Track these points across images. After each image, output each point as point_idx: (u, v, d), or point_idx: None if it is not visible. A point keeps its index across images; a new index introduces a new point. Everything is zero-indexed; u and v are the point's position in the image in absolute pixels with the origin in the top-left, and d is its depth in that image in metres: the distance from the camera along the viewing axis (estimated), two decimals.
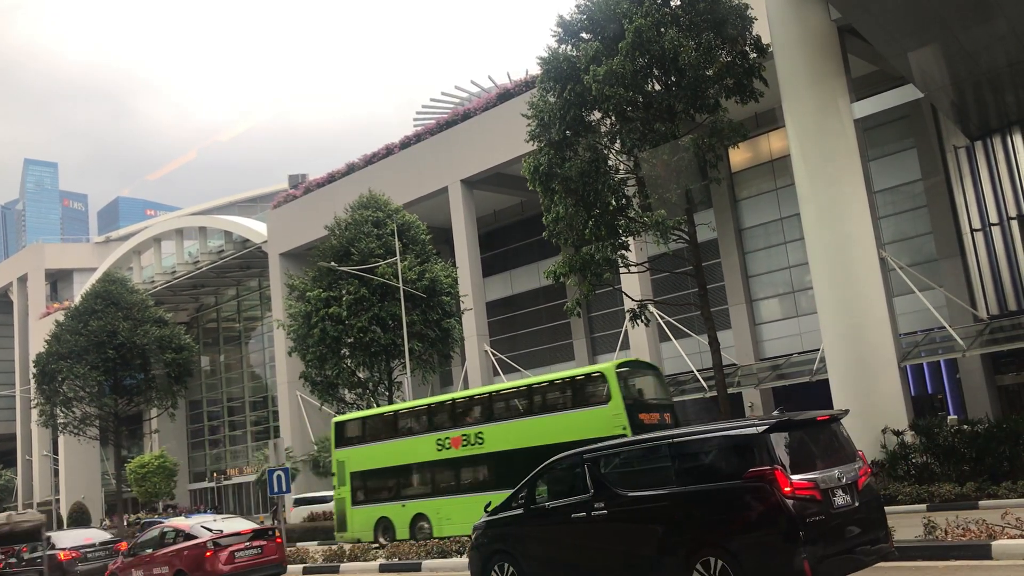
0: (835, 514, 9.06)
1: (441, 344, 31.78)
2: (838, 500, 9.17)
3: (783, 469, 8.92)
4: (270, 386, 59.31)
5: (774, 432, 9.23)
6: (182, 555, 17.26)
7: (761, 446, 9.11)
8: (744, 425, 9.61)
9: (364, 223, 31.15)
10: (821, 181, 23.41)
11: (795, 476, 8.93)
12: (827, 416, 10.03)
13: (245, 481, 60.79)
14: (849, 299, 22.95)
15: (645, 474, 10.33)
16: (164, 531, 18.58)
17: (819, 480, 9.06)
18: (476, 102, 44.48)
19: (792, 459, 9.14)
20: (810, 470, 9.16)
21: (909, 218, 33.51)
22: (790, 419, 9.63)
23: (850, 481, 9.39)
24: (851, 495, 9.34)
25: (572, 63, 22.39)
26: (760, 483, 8.93)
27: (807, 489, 8.91)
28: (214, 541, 17.06)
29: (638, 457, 10.71)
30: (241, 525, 18.37)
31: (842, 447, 9.90)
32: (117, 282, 50.63)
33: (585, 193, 22.13)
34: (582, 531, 10.41)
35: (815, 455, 9.54)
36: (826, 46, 23.56)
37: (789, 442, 9.35)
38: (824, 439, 9.88)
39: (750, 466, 9.08)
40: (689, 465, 9.79)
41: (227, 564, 16.86)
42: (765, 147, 37.22)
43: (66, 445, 63.27)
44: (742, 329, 37.31)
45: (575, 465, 10.88)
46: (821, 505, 8.93)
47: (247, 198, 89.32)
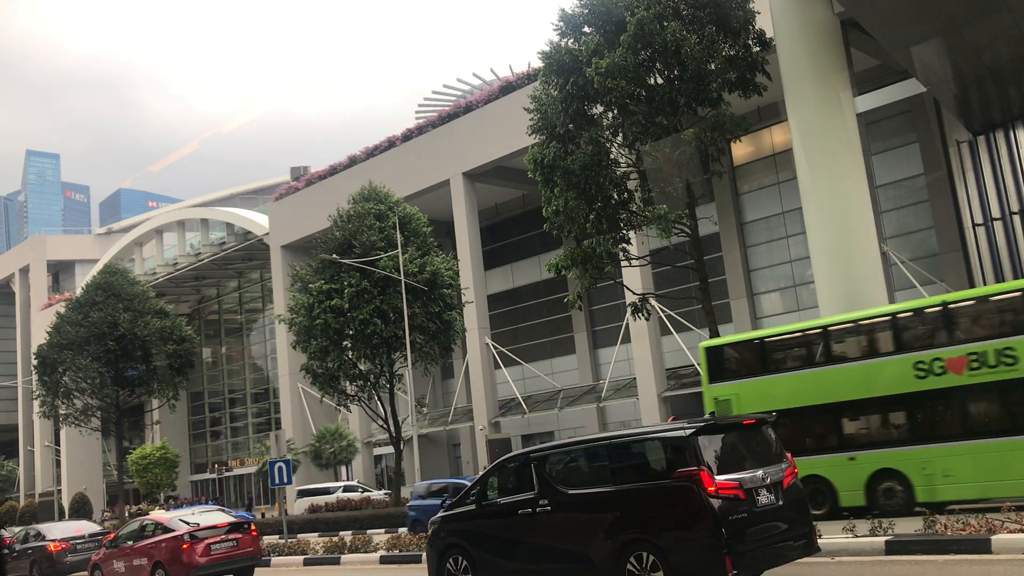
0: (758, 512, 9.67)
1: (442, 337, 31.79)
2: (762, 499, 9.79)
3: (708, 470, 9.49)
4: (271, 378, 59.38)
5: (701, 435, 9.82)
6: (160, 547, 17.81)
7: (689, 448, 9.71)
8: (674, 428, 10.27)
9: (366, 215, 31.14)
10: (823, 175, 23.39)
11: (720, 476, 9.52)
12: (753, 420, 10.73)
13: (246, 472, 60.89)
14: (850, 293, 22.93)
15: (586, 473, 10.99)
16: (144, 524, 19.17)
17: (743, 480, 9.66)
18: (478, 95, 44.43)
19: (718, 460, 9.77)
20: (736, 471, 9.76)
21: (911, 212, 33.48)
22: (716, 422, 10.39)
23: (775, 481, 9.99)
24: (775, 494, 9.96)
25: (574, 56, 22.37)
26: (687, 483, 9.50)
27: (731, 488, 9.50)
28: (191, 534, 17.58)
29: (580, 457, 11.33)
30: (218, 519, 18.84)
31: (770, 449, 10.51)
32: (118, 273, 50.62)
33: (587, 186, 22.12)
34: (528, 526, 10.99)
35: (742, 456, 10.16)
36: (829, 40, 23.52)
37: (716, 444, 10.02)
38: (752, 441, 10.54)
39: (679, 467, 9.67)
40: (625, 465, 10.51)
41: (203, 556, 17.39)
42: (767, 141, 37.18)
43: (68, 436, 63.36)
44: (743, 323, 37.30)
45: (523, 464, 11.49)
46: (744, 503, 9.53)
47: (249, 190, 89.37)
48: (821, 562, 12.19)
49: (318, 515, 33.18)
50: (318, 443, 41.38)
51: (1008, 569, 10.36)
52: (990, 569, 10.48)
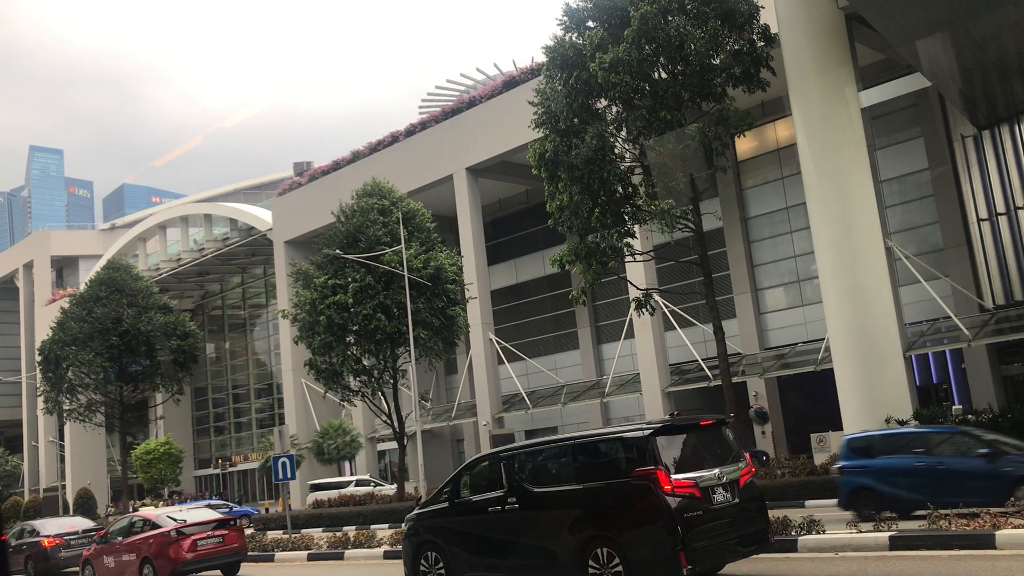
0: (714, 510, 10.06)
1: (446, 332, 31.78)
2: (718, 497, 10.19)
3: (665, 469, 9.89)
4: (275, 373, 59.43)
5: (659, 435, 10.23)
6: (148, 543, 18.27)
7: (646, 448, 10.09)
8: (633, 429, 10.58)
9: (370, 211, 31.12)
10: (827, 170, 23.33)
11: (676, 475, 9.91)
12: (711, 421, 11.13)
13: (250, 468, 61.00)
14: (855, 288, 22.90)
15: (552, 472, 11.30)
16: (133, 520, 19.69)
17: (699, 479, 10.05)
18: (481, 90, 44.37)
19: (676, 460, 10.16)
20: (692, 470, 10.13)
21: (916, 207, 33.41)
22: (674, 423, 10.71)
23: (731, 480, 10.40)
24: (732, 492, 10.36)
25: (578, 50, 22.30)
26: (645, 481, 9.89)
27: (687, 487, 9.90)
28: (177, 530, 18.07)
29: (546, 457, 11.68)
30: (205, 515, 19.36)
31: (727, 449, 10.90)
32: (122, 269, 50.67)
33: (590, 181, 22.06)
34: (497, 523, 11.41)
35: (699, 456, 10.51)
36: (833, 34, 23.45)
37: (674, 444, 10.41)
38: (709, 441, 10.92)
39: (637, 466, 10.04)
40: (587, 465, 10.82)
41: (190, 552, 17.87)
42: (771, 136, 37.11)
43: (72, 431, 63.48)
44: (747, 318, 37.28)
45: (494, 463, 11.94)
46: (700, 501, 9.93)
47: (252, 185, 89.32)
48: (825, 557, 12.18)
49: (322, 510, 33.21)
50: (321, 439, 41.42)
51: (1012, 565, 10.34)
52: (994, 565, 10.46)
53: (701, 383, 34.76)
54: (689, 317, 35.34)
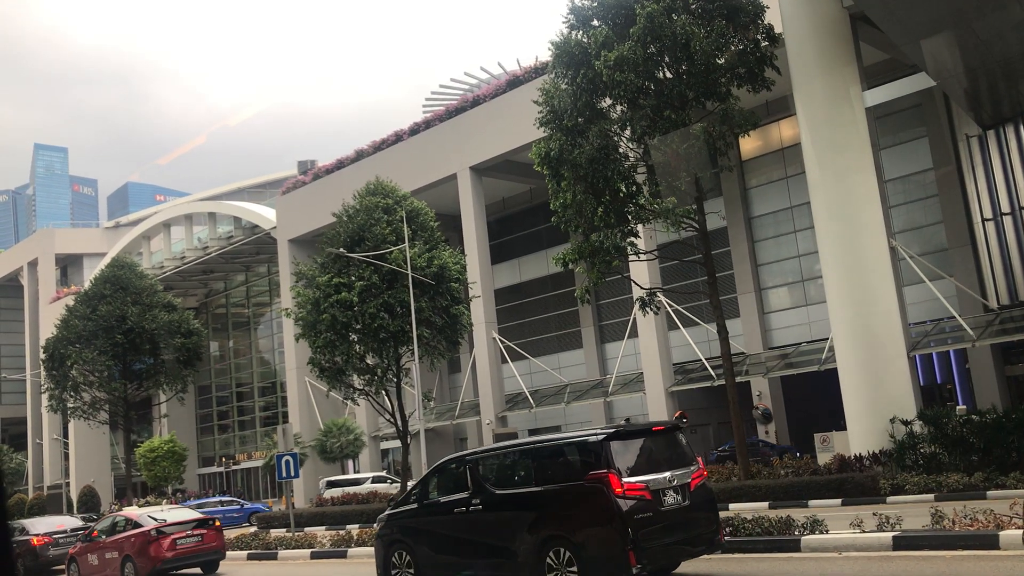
0: (664, 511, 10.45)
1: (449, 331, 31.76)
2: (668, 499, 10.57)
3: (617, 472, 10.27)
4: (279, 372, 59.49)
5: (613, 440, 10.65)
6: (129, 541, 18.96)
7: (599, 452, 10.51)
8: (588, 434, 11.04)
9: (375, 209, 31.13)
10: (832, 170, 23.32)
11: (628, 478, 10.30)
12: (663, 426, 11.72)
13: (253, 466, 61.08)
14: (859, 288, 22.88)
15: (513, 475, 11.78)
16: (116, 519, 20.50)
17: (650, 482, 10.43)
18: (485, 89, 44.34)
19: (627, 463, 10.55)
20: (644, 473, 10.54)
21: (920, 207, 33.36)
22: (626, 429, 11.33)
23: (682, 483, 10.77)
24: (682, 495, 10.74)
25: (583, 48, 22.29)
26: (598, 484, 10.29)
27: (638, 490, 10.27)
28: (157, 529, 18.78)
29: (509, 460, 12.13)
30: (184, 515, 20.11)
31: (679, 452, 11.29)
32: (126, 267, 50.76)
33: (594, 180, 22.05)
34: (462, 523, 11.86)
35: (652, 460, 10.92)
36: (838, 34, 23.42)
37: (626, 449, 10.82)
38: (661, 445, 11.31)
39: (591, 469, 10.47)
40: (545, 468, 11.25)
41: (169, 550, 18.56)
42: (775, 135, 37.07)
43: (76, 429, 63.60)
44: (751, 318, 37.25)
45: (460, 466, 12.43)
46: (650, 504, 10.31)
47: (256, 184, 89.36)
48: (828, 557, 12.17)
49: (325, 508, 33.24)
50: (325, 437, 41.45)
51: (1016, 565, 10.31)
52: (998, 565, 10.43)
53: (705, 383, 34.74)
54: (693, 316, 35.31)
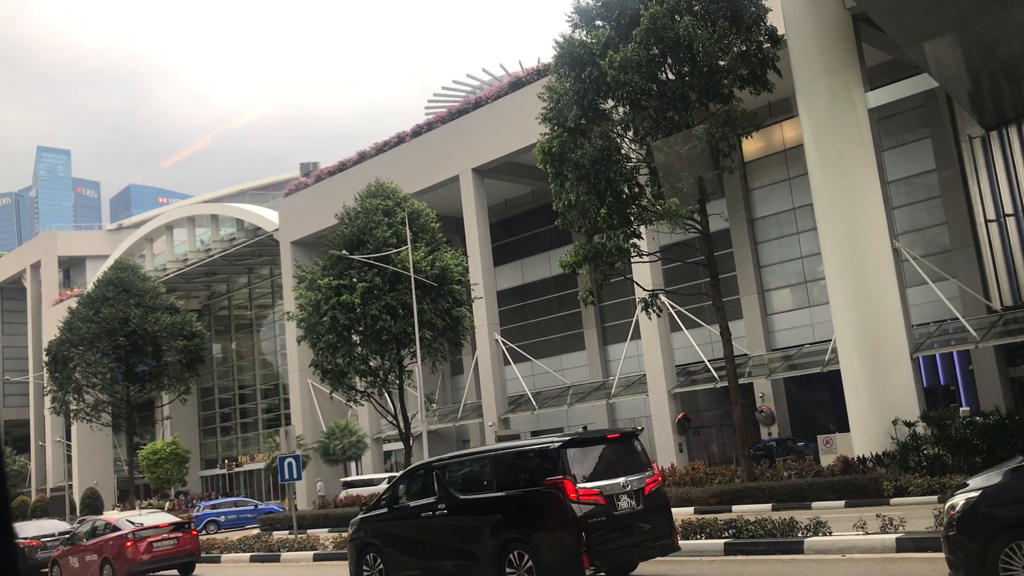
0: (618, 516, 10.88)
1: (451, 333, 31.73)
2: (622, 504, 10.99)
3: (572, 478, 10.73)
4: (281, 374, 59.52)
5: (569, 447, 11.11)
6: (108, 544, 19.74)
7: (556, 459, 10.97)
8: (545, 441, 11.53)
9: (375, 211, 31.13)
10: (834, 171, 23.29)
11: (583, 484, 10.76)
12: (617, 434, 12.07)
13: (256, 468, 61.07)
14: (862, 290, 22.85)
15: (476, 480, 12.27)
16: (96, 524, 21.23)
17: (604, 487, 10.86)
18: (488, 90, 44.36)
19: (583, 470, 11.02)
20: (599, 479, 10.97)
21: (923, 208, 33.33)
22: (581, 436, 11.81)
23: (636, 488, 11.20)
24: (636, 500, 11.16)
25: (587, 48, 22.27)
26: (554, 490, 10.74)
27: (592, 495, 10.71)
28: (134, 533, 19.59)
29: (472, 466, 12.72)
30: (161, 519, 20.85)
31: (635, 459, 11.77)
32: (129, 269, 50.76)
33: (597, 181, 22.04)
34: (429, 527, 12.35)
35: (607, 466, 11.34)
36: (840, 35, 23.40)
37: (582, 455, 11.28)
38: (616, 453, 11.75)
39: (547, 475, 10.91)
40: (506, 474, 11.72)
41: (145, 553, 19.37)
42: (778, 136, 37.04)
43: (79, 431, 63.62)
44: (754, 319, 37.22)
45: (427, 472, 12.92)
46: (604, 508, 10.73)
47: (259, 186, 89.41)
48: (831, 559, 12.15)
49: (328, 510, 33.24)
50: (327, 439, 41.44)
51: None
52: None
53: (707, 384, 34.71)
54: (695, 318, 35.28)
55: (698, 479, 24.43)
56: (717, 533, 14.34)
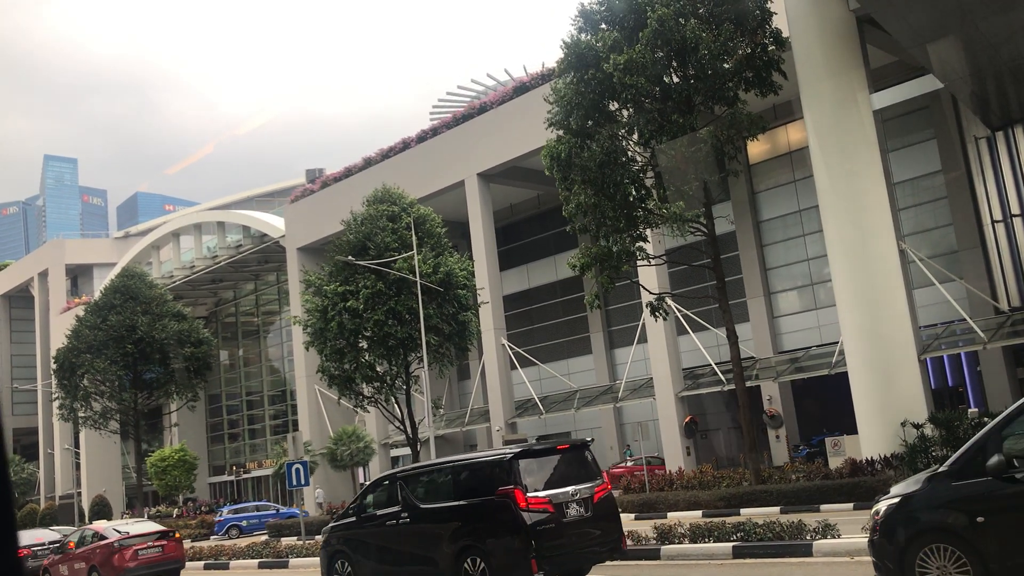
0: (567, 523, 11.45)
1: (458, 338, 31.76)
2: (571, 512, 11.56)
3: (523, 488, 11.34)
4: (288, 380, 59.55)
5: (520, 459, 11.74)
6: (95, 552, 20.38)
7: (508, 469, 11.57)
8: (499, 453, 12.23)
9: (380, 217, 31.17)
10: (840, 173, 23.25)
11: (532, 493, 11.35)
12: (567, 445, 12.68)
13: (264, 474, 61.10)
14: (868, 291, 22.80)
15: (436, 490, 12.92)
16: (85, 533, 22.04)
17: (553, 496, 11.47)
18: (492, 95, 44.40)
19: (533, 480, 11.58)
20: (549, 488, 11.58)
21: (929, 209, 33.26)
22: (533, 448, 12.59)
23: (585, 496, 11.77)
24: (585, 507, 11.72)
25: (593, 51, 22.30)
26: (505, 499, 11.36)
27: (541, 503, 11.32)
28: (120, 541, 20.29)
29: (433, 477, 13.34)
30: (147, 528, 21.67)
31: (585, 469, 12.32)
32: (136, 277, 50.91)
33: (604, 184, 22.05)
34: (393, 535, 13.03)
35: (558, 476, 11.94)
36: (845, 36, 23.38)
37: (533, 466, 11.87)
38: (567, 463, 12.33)
39: (500, 485, 11.51)
40: (463, 484, 12.39)
41: (131, 561, 20.03)
42: (783, 139, 37.01)
43: (87, 439, 63.74)
44: (760, 322, 37.16)
45: (392, 482, 13.62)
46: (553, 516, 11.32)
47: (265, 193, 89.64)
48: (841, 562, 12.13)
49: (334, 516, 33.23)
50: (335, 445, 41.46)
51: None
52: None
53: (715, 387, 34.66)
54: (702, 321, 35.24)
55: (706, 482, 24.40)
56: (725, 536, 14.33)
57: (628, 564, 14.61)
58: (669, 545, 14.98)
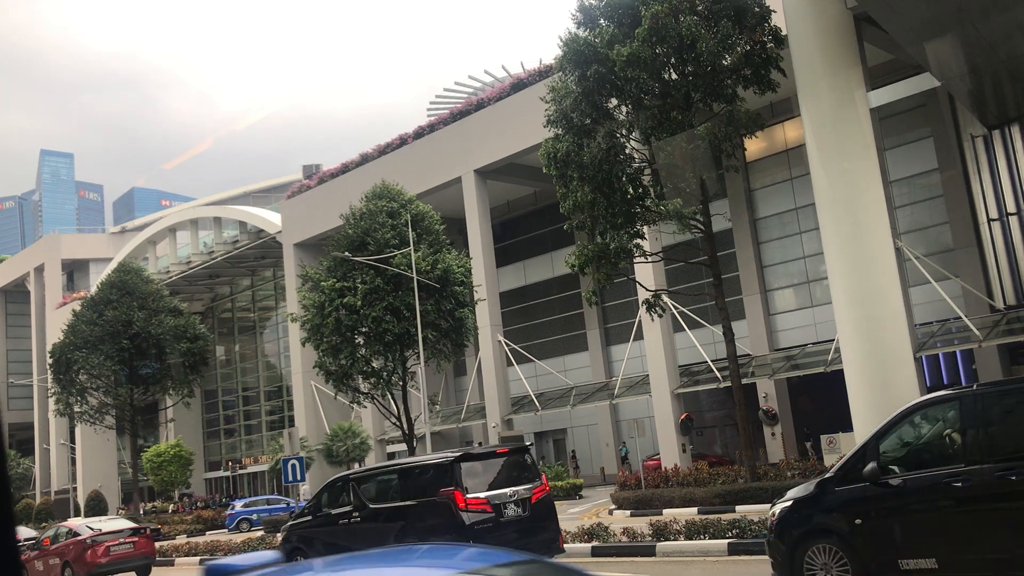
0: (504, 522, 12.27)
1: (454, 334, 31.77)
2: (509, 512, 12.39)
3: (463, 489, 12.14)
4: (285, 375, 59.56)
5: (461, 462, 12.53)
6: (69, 548, 21.22)
7: (449, 472, 12.37)
8: (442, 456, 13.00)
9: (378, 213, 31.16)
10: (836, 171, 23.26)
11: (472, 495, 12.13)
12: (507, 449, 13.68)
13: (260, 470, 61.14)
14: (864, 289, 22.81)
15: (385, 491, 13.71)
16: (59, 530, 22.86)
17: (491, 497, 12.29)
18: (490, 92, 44.39)
19: (474, 482, 12.37)
20: (488, 489, 12.39)
21: (925, 207, 33.32)
22: (474, 452, 13.50)
23: (523, 497, 12.60)
24: (523, 507, 12.54)
25: (592, 47, 22.26)
26: (446, 499, 12.14)
27: (479, 504, 12.13)
28: (92, 538, 21.11)
29: (382, 479, 14.14)
30: (119, 525, 22.50)
31: (524, 471, 13.19)
32: (132, 272, 50.84)
33: (602, 181, 22.04)
34: (346, 532, 13.74)
35: (495, 478, 12.76)
36: (842, 35, 23.37)
37: (474, 469, 12.67)
38: (506, 466, 13.20)
39: (442, 487, 12.30)
40: (409, 485, 13.19)
41: (103, 556, 20.83)
42: (780, 136, 37.04)
43: (83, 434, 63.73)
44: (756, 319, 37.21)
45: (345, 483, 14.39)
46: (491, 515, 12.16)
47: (262, 188, 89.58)
48: None
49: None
50: (331, 440, 41.49)
51: None
52: None
53: (711, 384, 34.71)
54: (698, 318, 35.28)
55: (702, 479, 24.44)
56: (721, 533, 14.37)
57: (624, 560, 14.66)
58: (665, 542, 15.03)
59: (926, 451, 8.81)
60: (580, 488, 33.64)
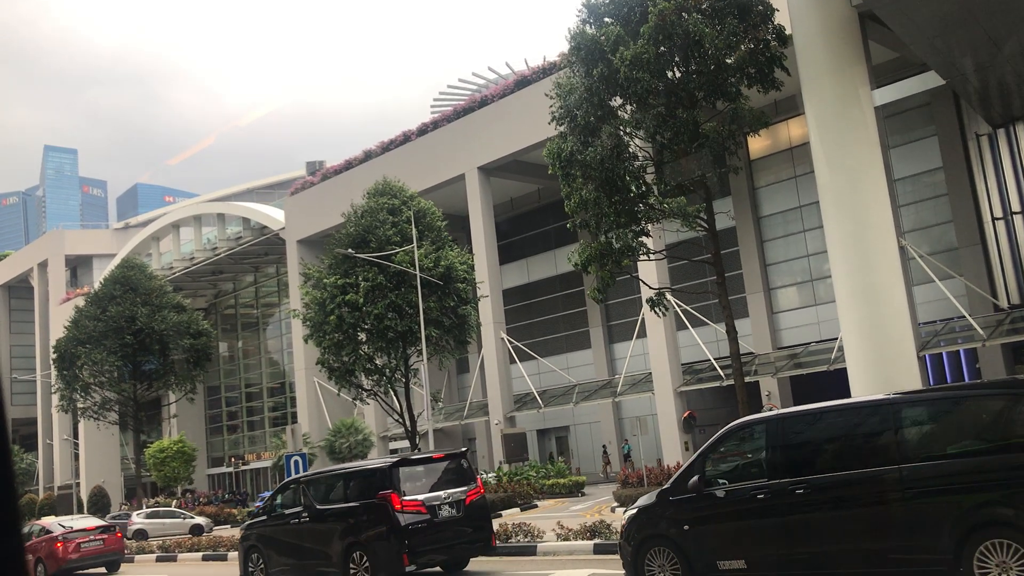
0: (438, 523, 13.23)
1: (457, 331, 31.76)
2: (443, 513, 13.33)
3: (399, 492, 13.02)
4: (288, 372, 59.59)
5: (399, 467, 13.49)
6: (41, 545, 22.05)
7: (387, 475, 13.25)
8: (381, 462, 14.03)
9: (380, 210, 31.14)
10: (840, 169, 23.21)
11: (407, 496, 13.04)
12: (443, 455, 14.69)
13: (263, 466, 61.18)
14: (868, 288, 22.77)
15: (331, 493, 14.58)
16: (33, 528, 23.58)
17: (427, 499, 13.21)
18: (493, 89, 44.34)
19: (410, 485, 13.31)
20: (424, 492, 13.33)
21: (930, 206, 33.25)
22: (411, 457, 14.39)
23: (457, 499, 13.56)
24: (457, 509, 13.51)
25: (598, 44, 22.20)
26: (383, 502, 13.01)
27: (414, 506, 13.02)
28: (64, 535, 22.08)
29: (328, 482, 14.97)
30: (89, 523, 23.60)
31: (460, 475, 14.16)
32: (136, 268, 50.89)
33: (606, 179, 22.00)
34: (296, 532, 14.67)
35: (431, 482, 13.72)
36: (847, 33, 23.32)
37: (411, 473, 13.63)
38: (442, 470, 14.15)
39: (380, 489, 13.18)
40: (351, 488, 14.09)
41: (73, 552, 21.79)
42: (784, 134, 36.98)
43: (86, 430, 63.77)
44: (760, 318, 37.17)
45: (296, 486, 15.44)
46: (425, 516, 13.07)
47: (265, 185, 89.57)
48: None
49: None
50: (334, 437, 41.51)
51: None
52: None
53: (714, 383, 34.69)
54: (702, 316, 35.26)
55: None
56: None
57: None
58: None
59: (741, 467, 10.00)
60: (583, 485, 33.65)
